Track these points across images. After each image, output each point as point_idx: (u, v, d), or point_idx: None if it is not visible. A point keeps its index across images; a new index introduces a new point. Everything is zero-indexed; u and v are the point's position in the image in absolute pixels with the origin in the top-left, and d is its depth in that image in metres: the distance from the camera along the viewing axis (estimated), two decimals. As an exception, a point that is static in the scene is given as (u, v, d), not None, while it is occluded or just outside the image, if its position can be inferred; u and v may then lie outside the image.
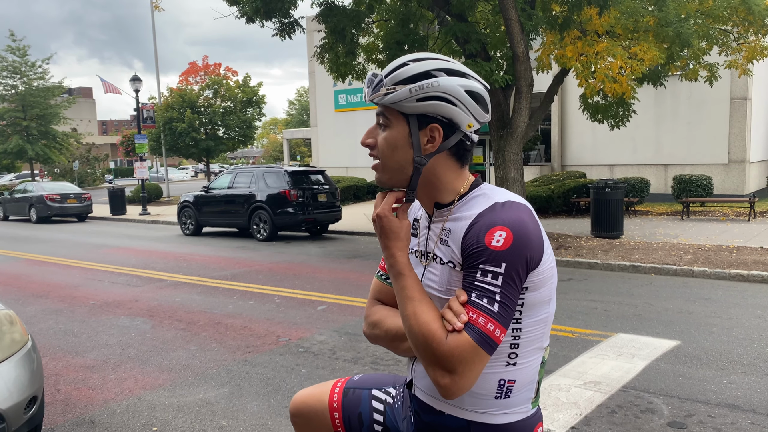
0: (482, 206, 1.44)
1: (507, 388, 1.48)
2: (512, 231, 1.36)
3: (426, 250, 1.57)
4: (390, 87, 1.46)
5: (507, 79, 11.94)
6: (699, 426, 4.07)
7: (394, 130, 1.49)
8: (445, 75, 1.46)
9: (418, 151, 1.47)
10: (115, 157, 71.16)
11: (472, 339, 1.34)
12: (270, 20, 12.16)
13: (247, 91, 33.02)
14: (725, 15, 12.59)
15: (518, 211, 1.41)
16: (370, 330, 1.70)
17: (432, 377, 1.38)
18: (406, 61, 1.48)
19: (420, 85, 1.43)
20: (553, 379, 4.96)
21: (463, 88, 1.46)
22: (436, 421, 1.56)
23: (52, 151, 38.06)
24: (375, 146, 1.53)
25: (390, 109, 1.49)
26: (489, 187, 1.52)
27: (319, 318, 7.18)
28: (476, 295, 1.36)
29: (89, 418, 4.45)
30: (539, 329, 1.48)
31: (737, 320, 6.67)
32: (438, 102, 1.44)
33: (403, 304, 1.43)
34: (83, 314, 7.67)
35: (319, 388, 1.91)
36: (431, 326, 1.37)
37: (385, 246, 1.49)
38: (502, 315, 1.36)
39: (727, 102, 18.60)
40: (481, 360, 1.36)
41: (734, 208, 17.17)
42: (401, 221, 1.49)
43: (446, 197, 1.52)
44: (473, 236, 1.39)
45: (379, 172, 1.53)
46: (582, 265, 10.23)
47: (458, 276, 1.45)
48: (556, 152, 21.97)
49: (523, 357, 1.48)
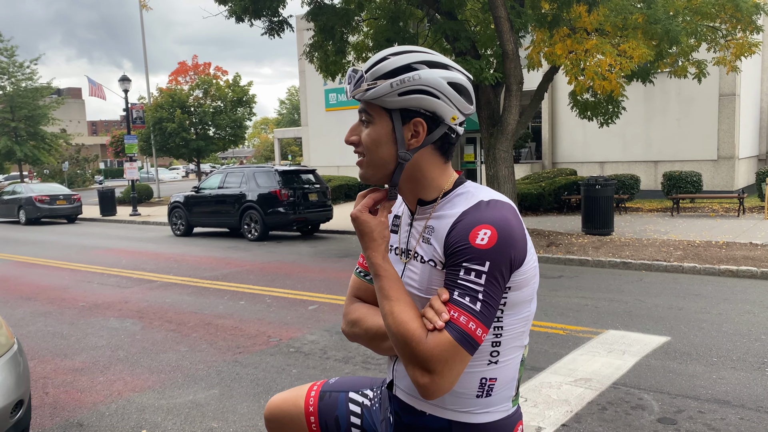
0: (467, 204, 1.42)
1: (488, 386, 1.47)
2: (497, 230, 1.34)
3: (407, 248, 1.55)
4: (371, 82, 1.43)
5: (497, 77, 11.94)
6: (689, 422, 4.08)
7: (377, 126, 1.46)
8: (427, 67, 1.43)
9: (402, 146, 1.45)
10: (105, 158, 70.78)
11: (452, 338, 1.32)
12: (259, 19, 12.12)
13: (238, 91, 32.92)
14: (713, 12, 12.65)
15: (503, 210, 1.39)
16: (349, 328, 1.66)
17: (411, 377, 1.36)
18: (386, 55, 1.45)
19: (401, 79, 1.41)
20: (544, 377, 4.96)
21: (446, 80, 1.43)
22: (416, 421, 1.54)
23: (41, 152, 37.83)
24: (359, 143, 1.51)
25: (372, 105, 1.46)
26: (473, 184, 1.50)
27: (310, 318, 7.16)
28: (458, 294, 1.34)
29: (78, 421, 4.42)
30: (520, 327, 1.47)
31: (726, 315, 6.70)
32: (420, 95, 1.42)
33: (382, 304, 1.42)
34: (72, 316, 7.61)
35: (294, 392, 1.87)
36: (409, 325, 1.35)
37: (362, 245, 1.48)
38: (485, 314, 1.33)
39: (716, 98, 18.70)
40: (462, 360, 1.34)
41: (723, 204, 17.27)
42: (377, 220, 1.47)
43: (430, 194, 1.50)
44: (457, 234, 1.37)
45: (363, 167, 1.51)
46: (573, 262, 10.25)
47: (439, 275, 1.43)
48: (546, 150, 22.02)
49: (504, 355, 1.46)
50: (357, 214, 1.48)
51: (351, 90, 1.48)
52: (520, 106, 12.56)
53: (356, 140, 1.52)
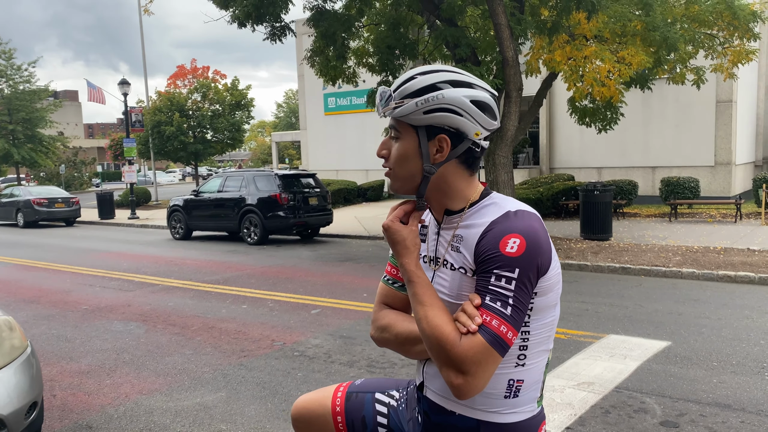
0: (495, 214, 1.50)
1: (516, 387, 1.53)
2: (525, 238, 1.43)
3: (435, 256, 1.62)
4: (398, 101, 1.54)
5: (496, 84, 12.03)
6: (691, 425, 4.15)
7: (404, 142, 1.56)
8: (451, 87, 1.51)
9: (428, 160, 1.54)
10: (102, 161, 70.68)
11: (485, 341, 1.39)
12: (261, 25, 12.19)
13: (236, 94, 32.99)
14: (711, 19, 12.78)
15: (530, 219, 1.47)
16: (378, 334, 1.73)
17: (446, 378, 1.43)
18: (414, 75, 1.54)
19: (426, 99, 1.50)
20: (547, 380, 5.01)
21: (469, 99, 1.51)
22: (445, 421, 1.60)
23: (38, 154, 37.82)
24: (389, 157, 1.61)
25: (400, 122, 1.56)
26: (499, 196, 1.58)
27: (313, 322, 7.21)
28: (490, 299, 1.42)
29: (87, 423, 4.46)
30: (546, 332, 1.54)
31: (726, 321, 6.77)
32: (444, 113, 1.50)
33: (416, 309, 1.49)
34: (76, 319, 7.65)
35: (320, 393, 1.94)
36: (444, 329, 1.42)
37: (395, 254, 1.56)
38: (515, 318, 1.41)
39: (713, 105, 18.84)
40: (494, 361, 1.41)
41: (721, 209, 17.38)
42: (408, 229, 1.55)
43: (456, 204, 1.58)
44: (488, 243, 1.45)
45: (392, 179, 1.61)
46: (572, 267, 10.33)
47: (469, 281, 1.51)
48: (544, 155, 22.12)
49: (531, 358, 1.54)
50: (389, 224, 1.56)
51: (381, 107, 1.58)
52: (519, 112, 12.65)
53: (386, 154, 1.61)
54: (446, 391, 1.58)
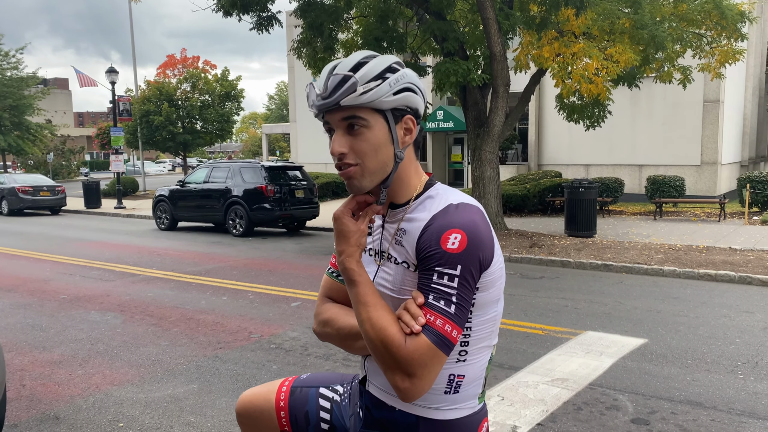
0: (436, 208, 1.45)
1: (456, 383, 1.50)
2: (466, 234, 1.38)
3: (380, 249, 1.57)
4: (364, 84, 1.41)
5: (484, 78, 12.01)
6: (662, 422, 4.15)
7: (375, 129, 1.44)
8: (401, 67, 1.47)
9: (398, 145, 1.47)
10: (90, 150, 70.15)
11: (430, 341, 1.35)
12: (247, 14, 12.08)
13: (226, 85, 32.81)
14: (699, 19, 12.81)
15: (471, 213, 1.43)
16: (320, 328, 1.68)
17: (391, 381, 1.38)
18: (361, 59, 1.45)
19: (395, 79, 1.43)
20: (521, 376, 5.01)
21: (416, 76, 1.51)
22: (386, 416, 1.57)
23: (25, 142, 37.46)
24: (349, 153, 1.45)
25: (364, 109, 1.43)
26: (442, 186, 1.53)
27: (293, 314, 7.17)
28: (433, 297, 1.38)
29: (54, 414, 4.40)
30: (488, 328, 1.51)
31: (703, 319, 6.80)
32: (408, 93, 1.46)
33: (358, 310, 1.43)
34: (53, 309, 7.57)
35: (265, 387, 1.90)
36: (388, 331, 1.37)
37: (337, 249, 1.48)
38: (459, 316, 1.38)
39: (700, 104, 18.91)
40: (440, 361, 1.38)
41: (705, 208, 17.48)
42: (357, 227, 1.47)
43: (404, 196, 1.52)
44: (428, 239, 1.41)
45: (358, 177, 1.46)
46: (555, 263, 10.34)
47: (412, 276, 1.47)
48: (533, 151, 22.15)
49: (472, 354, 1.50)
50: (340, 215, 1.49)
51: (342, 95, 1.41)
52: (507, 107, 12.63)
53: (346, 151, 1.45)
54: (388, 386, 1.55)
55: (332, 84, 1.42)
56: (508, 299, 7.57)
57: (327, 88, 1.42)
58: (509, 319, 6.75)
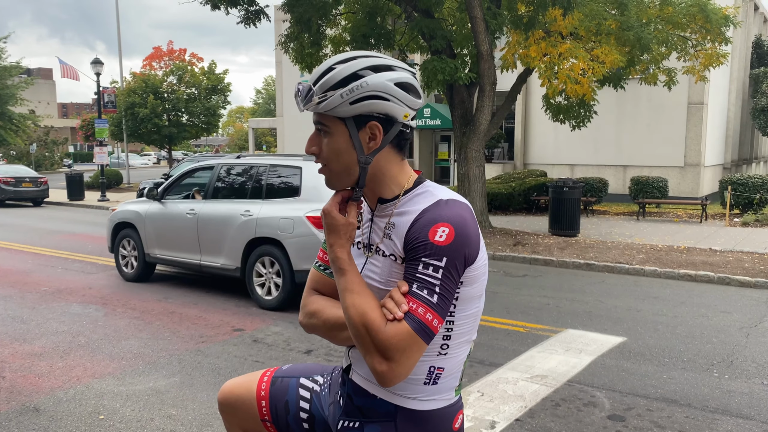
0: (427, 203, 1.49)
1: (436, 375, 1.55)
2: (454, 227, 1.43)
3: (369, 243, 1.61)
4: (321, 95, 1.48)
5: (471, 77, 12.06)
6: (637, 419, 4.22)
7: (335, 136, 1.51)
8: (372, 72, 1.48)
9: (362, 151, 1.51)
10: (74, 141, 69.41)
11: (411, 328, 1.40)
12: (235, 7, 12.04)
13: (212, 78, 32.59)
14: (684, 22, 12.95)
15: (460, 209, 1.47)
16: (307, 320, 1.71)
17: (370, 364, 1.43)
18: (332, 65, 1.49)
19: (350, 88, 1.46)
20: (501, 372, 5.07)
21: (392, 82, 1.49)
22: (367, 404, 1.61)
23: (7, 132, 36.96)
24: (320, 153, 1.55)
25: (326, 116, 1.51)
26: (432, 184, 1.57)
27: (276, 309, 7.17)
28: (417, 287, 1.42)
29: (34, 405, 4.39)
30: (470, 323, 1.56)
31: (682, 318, 6.90)
32: (371, 101, 1.47)
33: (343, 297, 1.48)
34: (34, 301, 7.51)
35: (247, 378, 1.94)
36: (370, 315, 1.42)
37: (327, 241, 1.53)
38: (441, 306, 1.42)
39: (684, 107, 19.12)
40: (419, 348, 1.42)
41: (688, 210, 17.69)
42: (346, 220, 1.53)
43: (390, 192, 1.57)
44: (417, 231, 1.45)
45: (328, 177, 1.56)
46: (538, 261, 10.43)
47: (398, 268, 1.51)
48: (519, 150, 22.28)
49: (453, 348, 1.55)
50: (330, 209, 1.54)
51: (303, 104, 1.52)
52: (494, 106, 12.70)
53: (317, 150, 1.55)
54: (371, 375, 1.58)
55: (297, 92, 1.54)
56: (490, 296, 7.64)
57: (299, 95, 1.53)
58: (491, 316, 6.81)
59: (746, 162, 25.57)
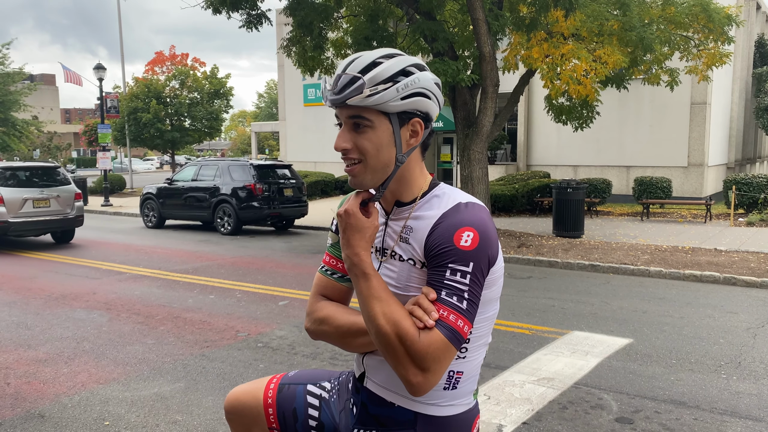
0: (445, 206, 1.48)
1: (455, 379, 1.53)
2: (478, 232, 1.41)
3: (383, 247, 1.59)
4: (372, 87, 1.44)
5: (473, 79, 12.04)
6: (645, 421, 4.19)
7: (378, 131, 1.47)
8: (418, 70, 1.49)
9: (400, 149, 1.49)
10: (78, 147, 69.57)
11: (444, 336, 1.38)
12: (237, 12, 12.03)
13: (215, 83, 32.63)
14: (687, 22, 12.91)
15: (480, 212, 1.46)
16: (316, 326, 1.66)
17: (402, 375, 1.39)
18: (377, 59, 1.46)
19: (405, 84, 1.45)
20: (508, 375, 5.04)
21: (433, 81, 1.51)
22: (384, 413, 1.58)
23: (11, 138, 37.04)
24: (352, 150, 1.49)
25: (370, 110, 1.46)
26: (447, 186, 1.56)
27: (280, 313, 7.16)
28: (446, 293, 1.40)
29: (39, 412, 4.37)
30: (487, 325, 1.55)
31: (688, 319, 6.86)
32: (418, 98, 1.47)
33: (369, 304, 1.43)
34: (38, 306, 7.51)
35: (254, 385, 1.90)
36: (403, 324, 1.39)
37: (349, 244, 1.47)
38: (470, 311, 1.41)
39: (687, 106, 19.06)
40: (451, 356, 1.40)
41: (692, 210, 17.63)
42: (370, 221, 1.49)
43: (409, 195, 1.55)
44: (440, 236, 1.43)
45: (361, 174, 1.50)
46: (542, 263, 10.39)
47: (418, 273, 1.49)
48: (521, 152, 22.23)
49: (472, 351, 1.54)
50: (353, 211, 1.48)
51: (348, 95, 1.44)
52: (497, 108, 12.67)
53: (350, 146, 1.49)
54: (389, 382, 1.56)
55: (342, 82, 1.46)
56: (495, 299, 7.60)
57: (336, 86, 1.46)
58: (497, 319, 6.77)
59: (750, 161, 25.50)
